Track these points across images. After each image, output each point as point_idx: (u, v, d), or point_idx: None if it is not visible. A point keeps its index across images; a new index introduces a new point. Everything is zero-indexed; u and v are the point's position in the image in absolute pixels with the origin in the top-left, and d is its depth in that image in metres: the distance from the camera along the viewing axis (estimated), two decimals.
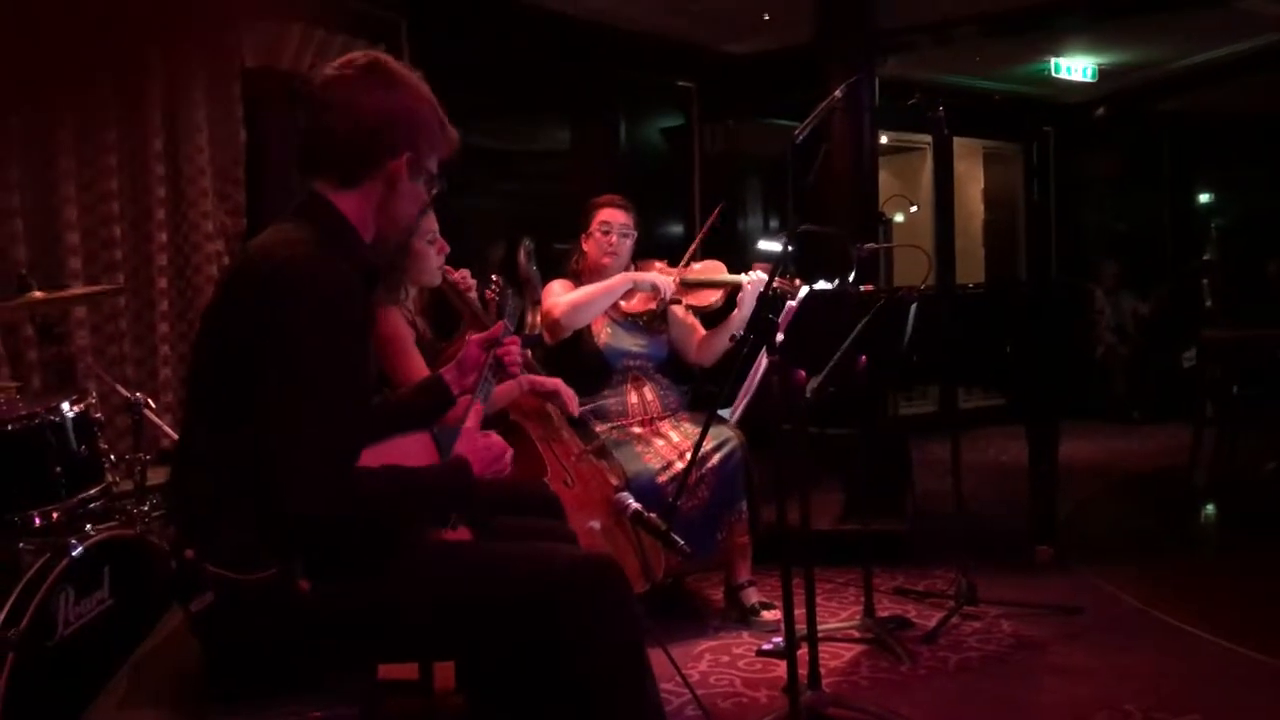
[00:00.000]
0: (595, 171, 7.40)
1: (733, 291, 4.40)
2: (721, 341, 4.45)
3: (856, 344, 3.45)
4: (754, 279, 4.31)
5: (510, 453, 2.28)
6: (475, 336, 2.68)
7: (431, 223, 3.45)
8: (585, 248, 4.50)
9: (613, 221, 4.47)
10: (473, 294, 3.63)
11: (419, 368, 3.28)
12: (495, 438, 2.28)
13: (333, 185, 2.16)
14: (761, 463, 4.21)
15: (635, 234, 4.51)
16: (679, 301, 4.45)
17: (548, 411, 3.85)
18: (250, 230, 5.23)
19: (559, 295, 4.36)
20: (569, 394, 3.65)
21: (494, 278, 3.62)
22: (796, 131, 3.40)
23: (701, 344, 4.54)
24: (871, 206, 7.11)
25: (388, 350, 3.29)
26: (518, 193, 7.26)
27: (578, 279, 4.49)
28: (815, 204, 6.49)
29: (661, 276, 4.38)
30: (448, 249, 3.52)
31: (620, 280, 4.36)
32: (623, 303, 4.43)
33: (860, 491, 5.29)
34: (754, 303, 3.84)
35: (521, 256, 4.13)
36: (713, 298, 4.44)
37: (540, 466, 3.73)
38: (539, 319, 4.38)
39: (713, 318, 4.60)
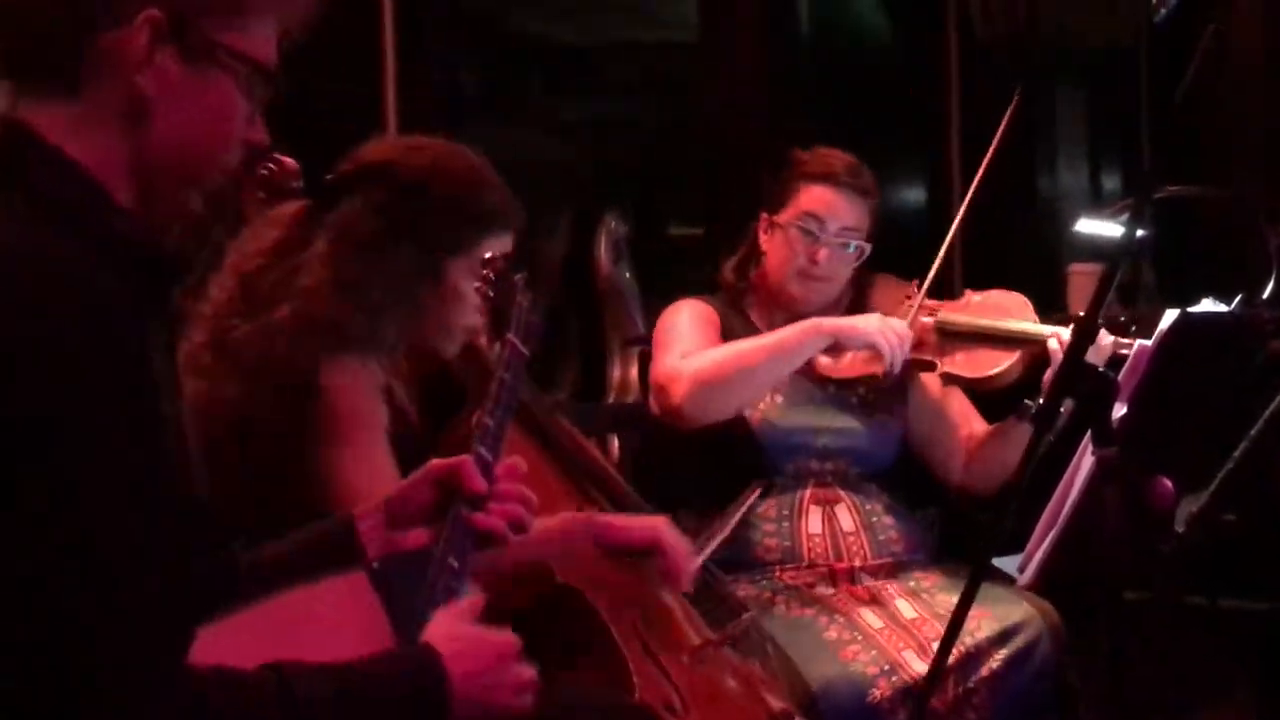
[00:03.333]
0: (749, 82, 4.37)
1: (1036, 356, 2.62)
2: (1015, 444, 2.59)
3: None
4: (1068, 336, 2.49)
5: (529, 676, 1.44)
6: (434, 462, 1.66)
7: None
8: (766, 246, 2.74)
9: (829, 218, 2.67)
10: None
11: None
12: (496, 637, 1.45)
13: (37, 96, 1.28)
14: (1091, 667, 2.58)
15: (868, 247, 2.74)
16: (931, 366, 2.70)
17: (632, 562, 2.27)
18: None
19: (685, 337, 2.67)
20: (679, 553, 2.15)
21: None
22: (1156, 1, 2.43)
23: (981, 450, 2.75)
24: None
25: (329, 450, 1.94)
26: (601, 120, 4.47)
27: (736, 301, 2.82)
28: (1191, 142, 4.12)
29: (892, 324, 2.63)
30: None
31: (804, 334, 2.64)
32: (822, 359, 2.71)
33: None
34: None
35: (603, 248, 2.84)
36: (997, 364, 2.64)
37: (620, 674, 2.15)
38: (631, 378, 2.86)
39: (1003, 399, 2.72)
